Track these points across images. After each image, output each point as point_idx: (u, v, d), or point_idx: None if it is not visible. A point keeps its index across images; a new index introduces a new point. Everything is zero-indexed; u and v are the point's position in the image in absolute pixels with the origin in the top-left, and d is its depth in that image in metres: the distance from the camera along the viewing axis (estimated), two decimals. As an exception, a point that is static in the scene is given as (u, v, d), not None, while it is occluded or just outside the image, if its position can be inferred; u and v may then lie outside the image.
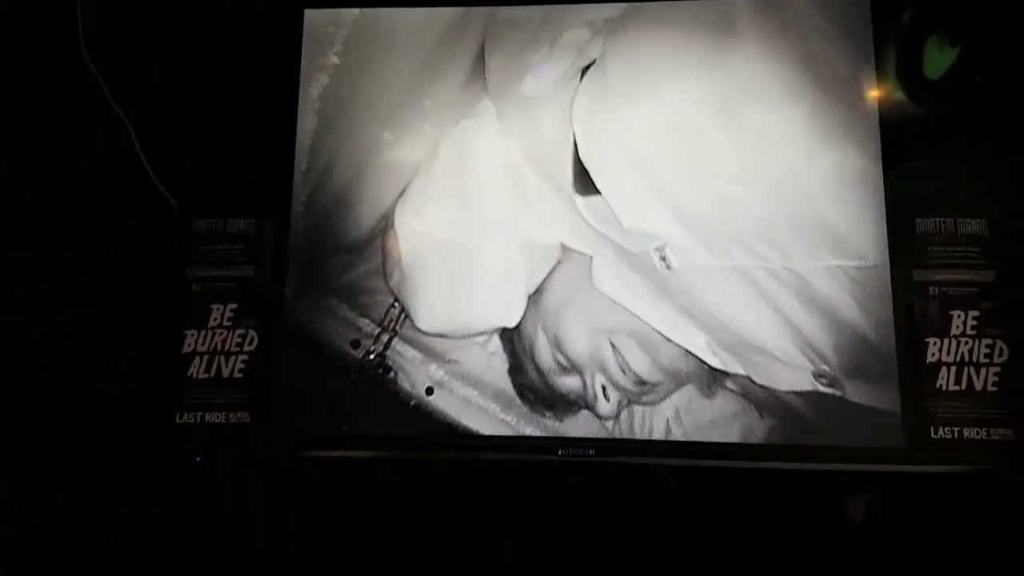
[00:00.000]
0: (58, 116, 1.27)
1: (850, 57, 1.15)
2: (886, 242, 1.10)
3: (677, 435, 1.09)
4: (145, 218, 1.23)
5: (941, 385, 1.08)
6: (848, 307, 1.08)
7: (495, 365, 1.13)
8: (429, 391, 1.13)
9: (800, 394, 1.08)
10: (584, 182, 1.14)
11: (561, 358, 1.12)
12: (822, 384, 1.07)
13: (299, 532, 1.13)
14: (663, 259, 1.11)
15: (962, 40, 1.17)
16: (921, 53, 1.19)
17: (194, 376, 1.16)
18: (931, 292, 1.10)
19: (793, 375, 1.08)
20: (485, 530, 1.12)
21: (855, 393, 1.07)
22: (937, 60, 1.19)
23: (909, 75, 1.17)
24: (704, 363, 1.10)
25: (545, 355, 1.12)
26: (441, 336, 1.14)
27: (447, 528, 1.12)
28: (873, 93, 1.14)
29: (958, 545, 1.05)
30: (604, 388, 1.10)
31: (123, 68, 1.27)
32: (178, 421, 1.14)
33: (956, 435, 1.07)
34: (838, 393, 1.07)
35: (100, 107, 1.26)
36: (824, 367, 1.07)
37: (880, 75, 1.15)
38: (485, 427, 1.12)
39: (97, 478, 1.14)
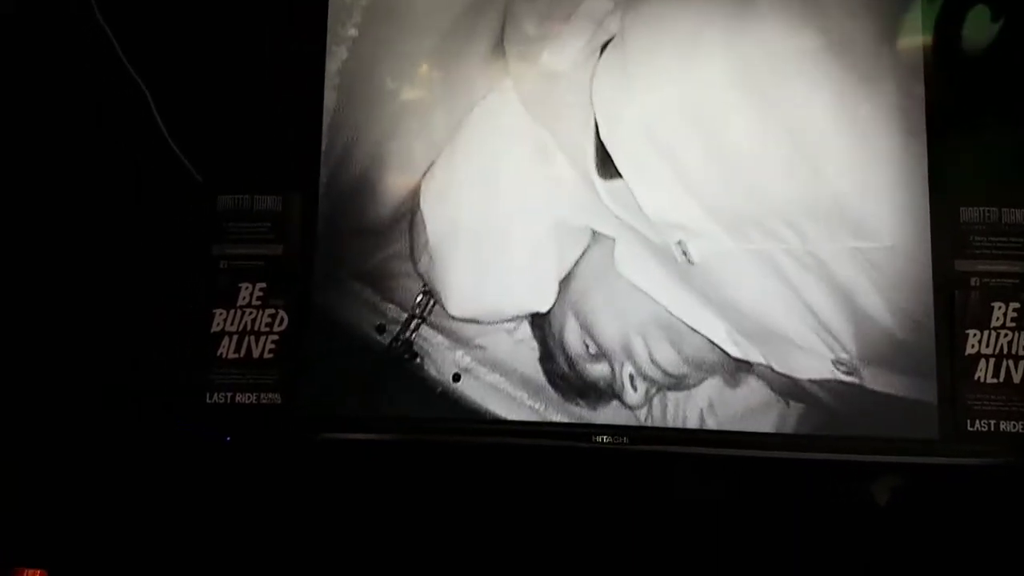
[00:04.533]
0: (70, 80, 1.22)
1: (885, 32, 1.11)
2: (918, 224, 1.07)
3: (711, 425, 1.09)
4: (167, 192, 1.20)
5: (979, 377, 1.06)
6: (867, 291, 1.06)
7: (523, 352, 1.12)
8: (456, 378, 1.13)
9: (820, 382, 1.07)
10: (606, 165, 1.11)
11: (591, 344, 1.11)
12: (841, 372, 1.06)
13: (325, 514, 1.13)
14: (684, 253, 1.09)
15: (1004, 15, 1.13)
16: (961, 26, 1.14)
17: (224, 356, 1.15)
18: (973, 283, 1.08)
19: (813, 362, 1.07)
20: (508, 515, 1.12)
21: (876, 381, 1.06)
22: (977, 34, 1.14)
23: (947, 51, 1.12)
24: (725, 352, 1.08)
25: (575, 341, 1.11)
26: (472, 321, 1.13)
27: (471, 513, 1.12)
28: (918, 72, 1.10)
29: (988, 536, 1.05)
30: (632, 377, 1.09)
31: (138, 30, 1.22)
32: (208, 401, 1.14)
33: (992, 428, 1.06)
34: (856, 381, 1.06)
35: (115, 71, 1.22)
36: (843, 354, 1.06)
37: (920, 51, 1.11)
38: (512, 413, 1.12)
39: (127, 458, 1.14)
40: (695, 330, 1.09)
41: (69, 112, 1.22)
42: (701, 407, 1.09)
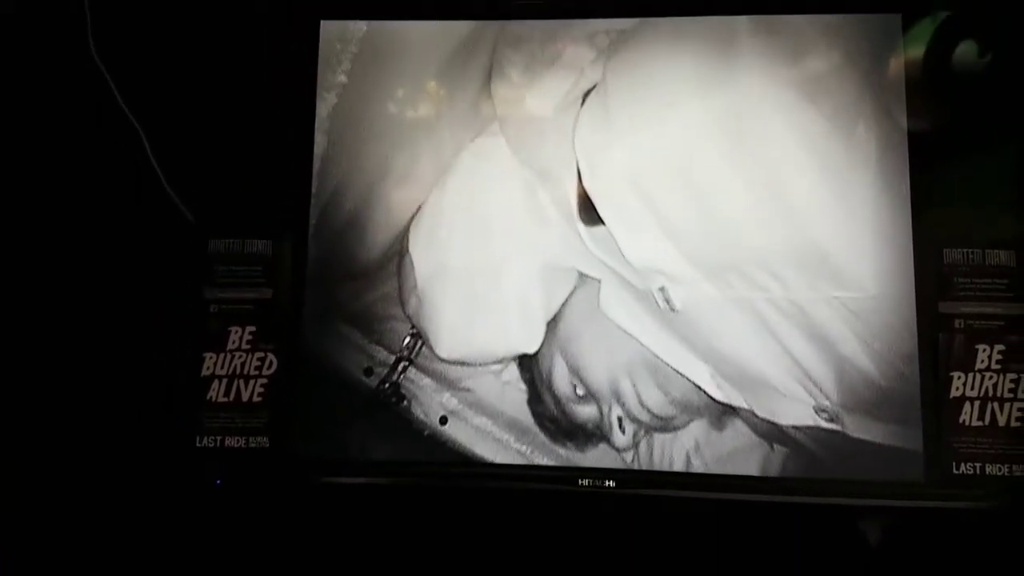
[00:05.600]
0: (65, 120, 1.23)
1: (867, 75, 1.12)
2: (901, 271, 1.08)
3: (697, 467, 1.09)
4: (160, 234, 1.21)
5: (964, 420, 1.06)
6: (847, 340, 1.06)
7: (510, 394, 1.13)
8: (443, 420, 1.13)
9: (803, 429, 1.07)
10: (588, 211, 1.13)
11: (579, 385, 1.11)
12: (823, 419, 1.06)
13: (314, 559, 1.13)
14: (667, 301, 1.09)
15: (993, 49, 1.13)
16: (949, 67, 1.15)
17: (213, 399, 1.16)
18: (957, 325, 1.08)
19: (795, 409, 1.07)
20: (498, 560, 1.12)
21: (858, 428, 1.06)
22: (964, 70, 1.15)
23: (933, 89, 1.13)
24: (709, 396, 1.09)
25: (563, 382, 1.12)
26: (460, 363, 1.14)
27: (460, 558, 1.12)
28: (900, 113, 1.11)
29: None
30: (620, 420, 1.10)
31: (134, 71, 1.24)
32: (198, 445, 1.15)
33: (978, 471, 1.06)
34: (839, 428, 1.06)
35: (110, 111, 1.23)
36: (825, 401, 1.06)
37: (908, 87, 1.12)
38: (499, 456, 1.12)
39: (114, 501, 1.14)
40: (680, 373, 1.10)
41: (63, 151, 1.23)
42: (687, 449, 1.09)
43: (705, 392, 1.09)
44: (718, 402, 1.09)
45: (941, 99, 1.13)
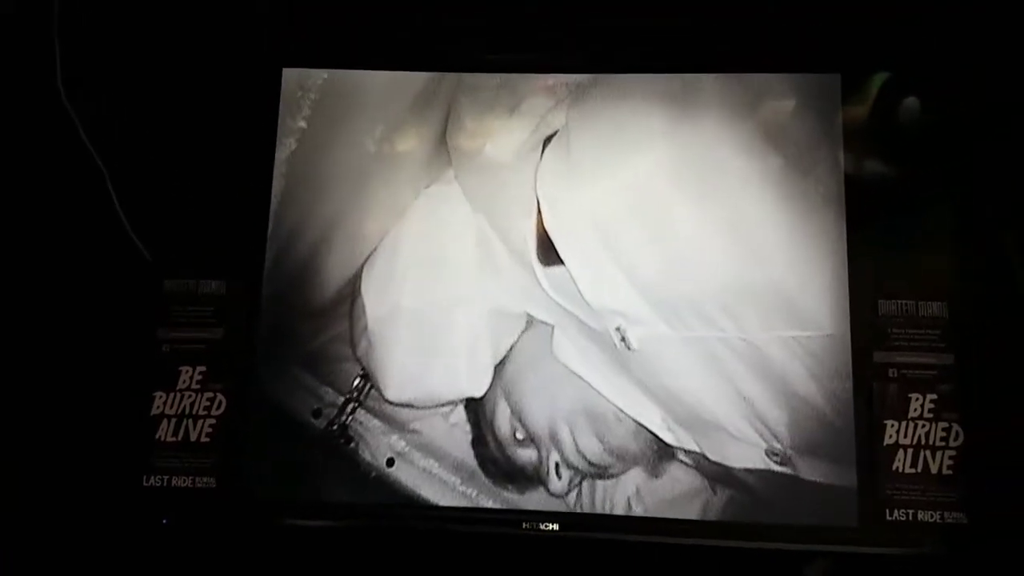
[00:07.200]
0: (30, 155, 1.25)
1: (815, 125, 1.16)
2: (846, 314, 1.11)
3: (638, 512, 1.10)
4: (116, 272, 1.22)
5: (897, 468, 1.09)
6: (802, 380, 1.09)
7: (457, 436, 1.14)
8: (390, 462, 1.14)
9: (752, 472, 1.09)
10: (547, 252, 1.15)
11: (519, 429, 1.13)
12: (775, 462, 1.08)
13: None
14: (623, 340, 1.12)
15: (927, 107, 1.18)
16: (892, 119, 1.19)
17: (162, 439, 1.17)
18: (891, 374, 1.11)
19: (746, 452, 1.09)
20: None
21: (807, 471, 1.08)
22: (907, 126, 1.19)
23: (878, 141, 1.17)
24: (658, 439, 1.10)
25: (504, 425, 1.13)
26: (408, 406, 1.15)
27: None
28: (838, 161, 1.15)
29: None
30: (557, 465, 1.11)
31: (101, 112, 1.26)
32: (145, 484, 1.15)
33: (910, 517, 1.08)
34: (790, 471, 1.08)
35: (76, 150, 1.24)
36: (776, 444, 1.09)
37: (847, 143, 1.16)
38: (444, 499, 1.13)
39: (62, 540, 1.14)
40: (631, 416, 1.11)
41: (29, 189, 1.24)
42: (628, 495, 1.11)
43: (655, 436, 1.10)
44: (668, 445, 1.10)
45: (876, 155, 1.17)
